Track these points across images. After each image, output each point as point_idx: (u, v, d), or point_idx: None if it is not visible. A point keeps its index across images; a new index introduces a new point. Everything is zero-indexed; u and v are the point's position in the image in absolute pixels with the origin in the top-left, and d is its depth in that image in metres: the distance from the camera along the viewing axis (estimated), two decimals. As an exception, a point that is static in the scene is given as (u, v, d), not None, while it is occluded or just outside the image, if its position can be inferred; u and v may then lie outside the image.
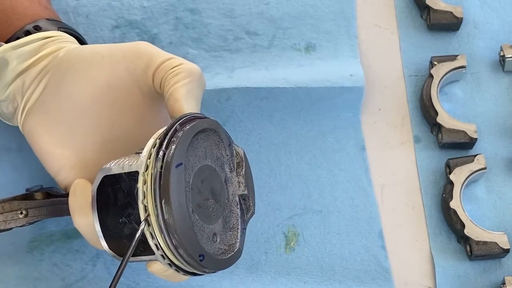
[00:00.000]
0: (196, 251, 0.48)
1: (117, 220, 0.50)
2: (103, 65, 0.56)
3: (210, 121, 0.53)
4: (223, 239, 0.52)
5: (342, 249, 0.66)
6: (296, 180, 0.68)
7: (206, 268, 0.50)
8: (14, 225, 0.57)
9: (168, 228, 0.47)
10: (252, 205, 0.56)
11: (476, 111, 0.71)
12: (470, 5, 0.75)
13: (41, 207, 0.57)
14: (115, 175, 0.50)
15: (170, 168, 0.47)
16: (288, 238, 0.66)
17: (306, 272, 0.65)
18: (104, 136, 0.56)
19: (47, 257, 0.63)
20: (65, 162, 0.57)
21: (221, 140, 0.54)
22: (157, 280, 0.62)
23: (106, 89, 0.56)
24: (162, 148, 0.48)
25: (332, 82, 0.70)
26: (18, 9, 0.61)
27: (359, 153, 0.70)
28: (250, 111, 0.70)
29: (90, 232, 0.53)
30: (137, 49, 0.57)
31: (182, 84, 0.53)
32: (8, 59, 0.58)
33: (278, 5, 0.74)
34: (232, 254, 0.52)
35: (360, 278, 0.65)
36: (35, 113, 0.57)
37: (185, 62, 0.55)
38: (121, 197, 0.50)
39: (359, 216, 0.67)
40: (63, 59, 0.57)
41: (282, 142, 0.70)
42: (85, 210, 0.53)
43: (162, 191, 0.47)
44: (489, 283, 0.65)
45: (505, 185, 0.68)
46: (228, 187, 0.54)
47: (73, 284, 0.62)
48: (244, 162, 0.55)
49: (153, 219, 0.47)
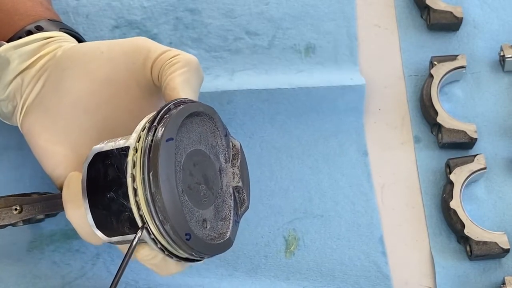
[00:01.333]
0: (183, 229, 0.47)
1: (105, 195, 0.49)
2: (102, 60, 0.57)
3: (206, 106, 0.52)
4: (214, 226, 0.51)
5: (342, 255, 0.66)
6: (297, 184, 0.68)
7: (193, 248, 0.48)
8: (8, 222, 0.56)
9: (155, 201, 0.46)
10: (247, 199, 0.55)
11: (476, 111, 0.71)
12: (470, 5, 0.75)
13: (35, 203, 0.56)
14: (107, 152, 0.50)
15: (160, 141, 0.47)
16: (288, 242, 0.66)
17: (306, 277, 0.65)
18: (101, 132, 0.56)
19: (47, 255, 0.63)
20: (61, 159, 0.56)
21: (217, 128, 0.53)
22: (157, 279, 0.62)
23: (105, 83, 0.56)
24: (154, 124, 0.48)
25: (332, 82, 0.70)
26: (20, 10, 0.61)
27: (361, 158, 0.69)
28: (252, 114, 0.70)
29: (81, 223, 0.53)
30: (136, 43, 0.57)
31: (179, 73, 0.54)
32: (10, 59, 0.58)
33: (278, 5, 0.75)
34: (222, 242, 0.51)
35: (359, 284, 0.65)
36: (33, 111, 0.57)
37: (182, 53, 0.55)
38: (111, 172, 0.49)
39: (360, 222, 0.67)
40: (62, 56, 0.58)
41: (284, 145, 0.70)
42: (77, 202, 0.52)
43: (150, 163, 0.46)
44: (489, 283, 0.65)
45: (505, 185, 0.68)
46: (222, 177, 0.53)
47: (72, 282, 0.62)
48: (240, 154, 0.55)
49: (140, 192, 0.47)
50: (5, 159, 0.67)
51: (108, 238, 0.50)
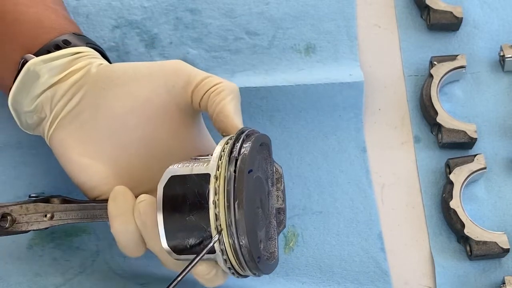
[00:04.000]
0: (257, 253, 0.50)
1: (184, 217, 0.51)
2: (143, 81, 0.58)
3: (266, 136, 0.56)
4: (265, 246, 0.55)
5: (341, 251, 0.66)
6: (296, 181, 0.68)
7: (261, 270, 0.51)
8: (37, 227, 0.57)
9: (238, 228, 0.49)
10: (285, 219, 0.58)
11: (476, 111, 0.71)
12: (470, 5, 0.76)
13: (69, 211, 0.57)
14: (184, 176, 0.52)
15: (243, 172, 0.49)
16: (288, 238, 0.66)
17: (305, 273, 0.65)
18: (138, 149, 0.58)
19: (47, 253, 0.63)
20: (95, 172, 0.57)
21: (269, 155, 0.57)
22: (155, 274, 0.62)
23: (145, 104, 0.58)
24: (233, 154, 0.50)
25: (331, 79, 0.70)
26: (45, 22, 0.61)
27: (360, 154, 0.70)
28: (250, 112, 0.70)
29: (127, 239, 0.55)
30: (176, 67, 0.59)
31: (228, 101, 0.56)
32: (39, 73, 0.58)
33: (278, 5, 0.75)
34: (274, 261, 0.55)
35: (359, 280, 0.65)
36: (67, 125, 0.58)
37: (224, 80, 0.57)
38: (190, 195, 0.51)
39: (358, 218, 0.67)
40: (99, 74, 0.59)
41: (283, 142, 0.70)
42: (126, 218, 0.54)
43: (236, 193, 0.49)
44: (489, 283, 0.64)
45: (505, 185, 0.68)
46: (269, 200, 0.56)
47: (72, 278, 0.62)
48: (282, 179, 0.58)
49: (222, 218, 0.49)
50: (4, 157, 0.67)
51: (177, 255, 0.52)
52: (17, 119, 0.60)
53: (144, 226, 0.54)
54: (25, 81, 0.58)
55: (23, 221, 0.57)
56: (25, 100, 0.59)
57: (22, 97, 0.59)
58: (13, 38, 0.60)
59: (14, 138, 0.67)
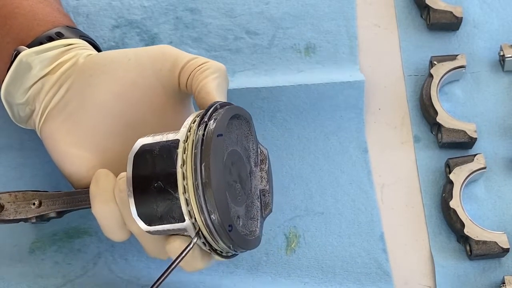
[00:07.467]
0: (227, 220, 0.49)
1: (152, 185, 0.50)
2: (130, 66, 0.58)
3: (245, 111, 0.55)
4: (245, 224, 0.53)
5: (343, 252, 0.66)
6: (298, 182, 0.68)
7: (233, 240, 0.50)
8: (25, 216, 0.57)
9: (205, 191, 0.48)
10: (271, 202, 0.57)
11: (476, 110, 0.71)
12: (470, 4, 0.76)
13: (55, 199, 0.57)
14: (154, 143, 0.51)
15: (212, 135, 0.49)
16: (289, 239, 0.66)
17: (307, 274, 0.65)
18: (126, 135, 0.57)
19: (48, 256, 0.63)
20: (84, 161, 0.57)
21: (250, 133, 0.55)
22: (158, 276, 0.62)
23: (131, 88, 0.57)
24: (204, 119, 0.50)
25: (332, 79, 0.70)
26: (39, 15, 0.61)
27: (362, 155, 0.70)
28: (252, 112, 0.69)
29: (108, 219, 0.54)
30: (162, 50, 0.58)
31: (212, 79, 0.55)
32: (32, 64, 0.58)
33: (278, 5, 0.75)
34: (253, 238, 0.53)
35: (360, 280, 0.65)
36: (56, 116, 0.58)
37: (210, 60, 0.57)
38: (158, 162, 0.50)
39: (360, 219, 0.67)
40: (87, 63, 0.58)
41: (284, 143, 0.70)
42: (106, 196, 0.53)
43: (203, 155, 0.48)
44: (489, 282, 0.65)
45: (505, 185, 0.68)
46: (252, 179, 0.55)
47: (73, 280, 0.62)
48: (267, 160, 0.57)
49: (190, 182, 0.48)
50: (5, 158, 0.67)
51: (147, 227, 0.51)
52: (10, 112, 0.60)
53: (123, 204, 0.53)
54: (18, 73, 0.58)
55: (11, 208, 0.57)
56: (17, 92, 0.58)
57: (14, 88, 0.58)
58: (8, 31, 0.60)
59: (15, 139, 0.67)
